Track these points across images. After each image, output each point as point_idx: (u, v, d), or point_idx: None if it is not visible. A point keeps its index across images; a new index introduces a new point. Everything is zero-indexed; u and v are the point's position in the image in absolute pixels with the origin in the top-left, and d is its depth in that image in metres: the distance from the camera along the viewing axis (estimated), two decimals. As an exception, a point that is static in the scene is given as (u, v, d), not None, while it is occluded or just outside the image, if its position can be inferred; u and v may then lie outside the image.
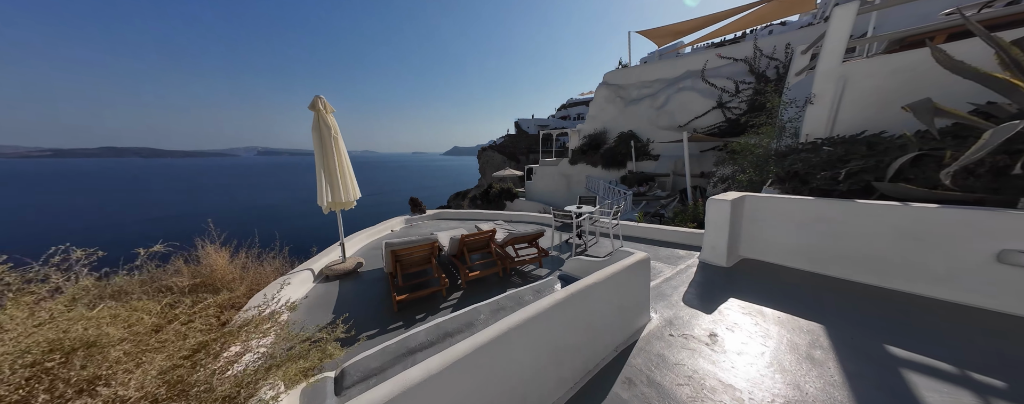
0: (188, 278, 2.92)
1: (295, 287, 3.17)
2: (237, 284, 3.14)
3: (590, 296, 1.63)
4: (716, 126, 12.56)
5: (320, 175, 3.41)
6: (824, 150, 3.71)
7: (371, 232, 5.84)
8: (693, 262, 3.31)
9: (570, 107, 51.19)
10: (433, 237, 3.13)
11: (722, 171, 7.12)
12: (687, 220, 6.04)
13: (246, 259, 3.69)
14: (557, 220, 4.82)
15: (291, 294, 3.03)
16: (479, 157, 39.90)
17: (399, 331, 2.48)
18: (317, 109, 3.38)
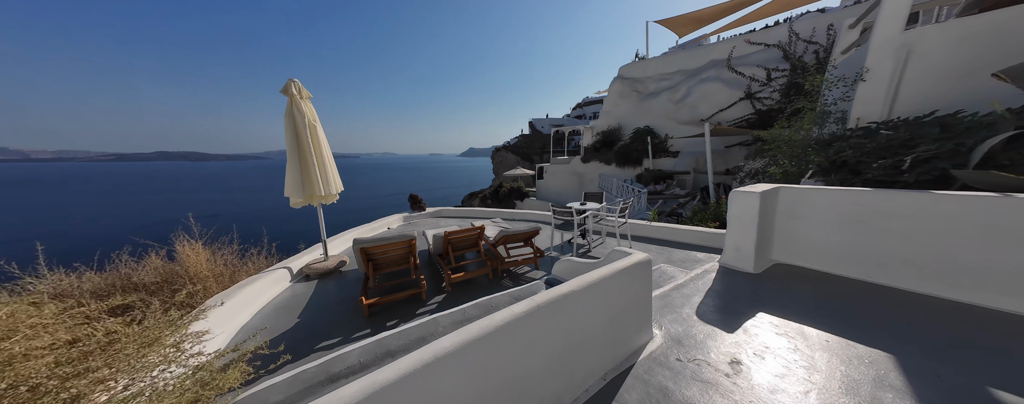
0: (153, 275, 2.81)
1: (266, 287, 2.98)
2: (211, 282, 3.02)
3: (566, 308, 1.25)
4: (744, 118, 11.52)
5: (292, 166, 3.21)
6: (882, 135, 3.05)
7: (366, 229, 5.70)
8: (712, 266, 2.80)
9: (585, 106, 50.05)
10: (410, 235, 2.84)
11: (751, 165, 6.37)
12: (707, 219, 5.39)
13: (229, 257, 3.60)
14: (556, 218, 4.40)
15: (258, 294, 2.85)
16: (493, 158, 39.88)
17: (362, 340, 2.20)
18: (290, 94, 3.18)
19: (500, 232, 3.65)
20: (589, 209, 4.47)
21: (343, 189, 3.83)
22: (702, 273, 2.66)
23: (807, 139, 4.48)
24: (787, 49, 10.89)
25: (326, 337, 2.27)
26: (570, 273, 2.52)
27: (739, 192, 2.65)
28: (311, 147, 3.26)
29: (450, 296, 2.99)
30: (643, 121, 14.38)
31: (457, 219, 7.04)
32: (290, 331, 2.36)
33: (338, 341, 2.22)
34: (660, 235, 4.81)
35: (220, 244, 3.61)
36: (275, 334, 2.34)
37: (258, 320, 2.55)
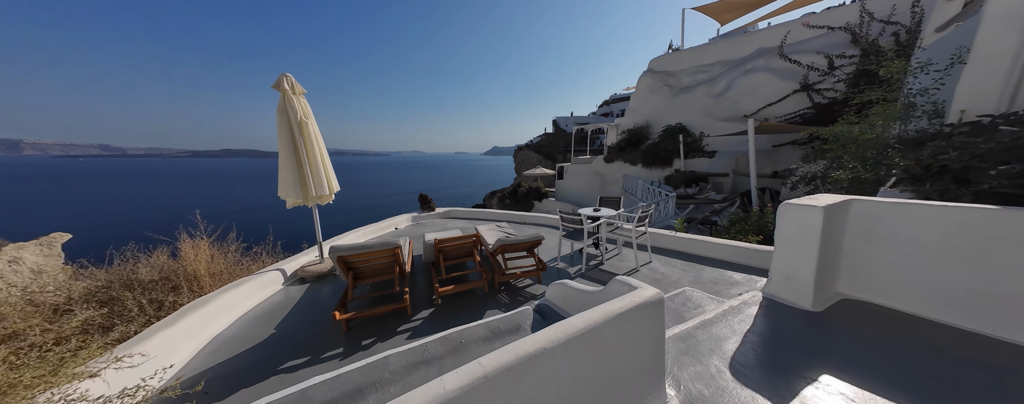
0: (151, 272, 2.86)
1: (254, 290, 2.92)
2: (206, 281, 3.04)
3: (533, 374, 0.91)
4: (798, 113, 10.10)
5: (284, 165, 3.13)
6: (1003, 131, 2.29)
7: (371, 229, 5.66)
8: (752, 296, 2.25)
9: (613, 103, 48.07)
10: (393, 243, 2.60)
11: (807, 168, 5.41)
12: (748, 231, 4.63)
13: (232, 255, 3.66)
14: (564, 226, 3.99)
15: (244, 298, 2.79)
16: (515, 156, 39.65)
17: (329, 364, 2.01)
18: (282, 89, 3.09)
19: (497, 241, 3.33)
20: (603, 217, 4.00)
21: (339, 189, 3.75)
22: (740, 306, 2.13)
23: (885, 137, 3.62)
24: (857, 31, 9.32)
25: (293, 356, 2.10)
26: (564, 301, 2.14)
27: (795, 205, 2.08)
28: (303, 145, 3.18)
29: (440, 310, 2.74)
30: (675, 118, 13.24)
31: (465, 221, 6.84)
32: (257, 348, 2.22)
33: (303, 362, 2.04)
34: (688, 248, 4.20)
35: (229, 241, 3.70)
36: (242, 349, 2.22)
37: (235, 330, 2.46)
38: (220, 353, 2.17)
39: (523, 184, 16.52)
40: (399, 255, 2.70)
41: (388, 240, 2.63)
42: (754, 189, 7.07)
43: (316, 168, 3.29)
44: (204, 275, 3.14)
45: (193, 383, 1.75)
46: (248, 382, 1.83)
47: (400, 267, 2.81)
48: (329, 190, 3.48)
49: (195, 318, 2.27)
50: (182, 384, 1.74)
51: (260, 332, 2.43)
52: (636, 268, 3.73)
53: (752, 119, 7.14)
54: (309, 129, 3.22)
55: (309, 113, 3.29)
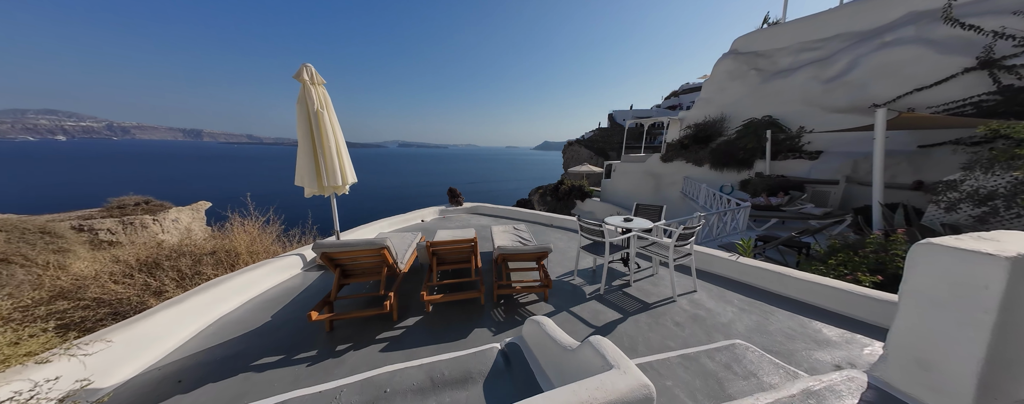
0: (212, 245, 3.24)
1: (271, 273, 3.08)
2: (243, 258, 3.36)
3: None
4: (969, 101, 7.04)
5: (301, 154, 3.23)
6: None
7: (397, 220, 5.78)
8: (850, 379, 1.39)
9: (683, 94, 42.35)
10: (380, 243, 2.40)
11: (980, 181, 3.61)
12: (858, 265, 3.24)
13: (270, 234, 4.05)
14: (584, 236, 3.35)
15: (259, 280, 2.94)
16: (564, 152, 38.17)
17: (295, 369, 1.92)
18: (301, 79, 3.15)
19: (498, 249, 2.92)
20: (634, 228, 3.25)
21: (356, 181, 3.79)
22: (825, 391, 1.32)
23: None
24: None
25: (271, 351, 2.09)
26: (537, 345, 1.63)
27: (946, 247, 1.17)
28: (318, 136, 3.24)
29: (429, 319, 2.50)
30: (762, 109, 10.68)
31: (489, 218, 6.58)
32: (244, 337, 2.25)
33: (275, 361, 1.99)
34: (754, 279, 3.17)
35: (273, 223, 4.14)
36: (233, 335, 2.28)
37: (240, 313, 2.57)
38: (213, 337, 2.25)
39: (565, 182, 15.58)
40: (387, 256, 2.49)
41: (375, 240, 2.42)
42: (877, 204, 5.12)
43: (330, 159, 3.34)
44: (243, 253, 3.52)
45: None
46: (215, 377, 1.84)
47: (389, 268, 2.62)
48: (343, 181, 3.51)
49: (205, 298, 2.41)
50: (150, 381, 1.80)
51: (259, 318, 2.49)
52: (672, 298, 2.93)
53: (884, 109, 5.12)
54: (325, 120, 3.27)
55: (326, 104, 3.34)
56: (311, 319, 2.14)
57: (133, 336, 1.94)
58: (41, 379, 1.42)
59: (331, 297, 2.42)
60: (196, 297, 2.38)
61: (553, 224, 6.13)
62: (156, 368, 1.92)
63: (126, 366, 1.88)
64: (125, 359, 1.88)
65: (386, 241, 2.45)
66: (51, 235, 5.61)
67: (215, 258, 3.22)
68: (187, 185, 60.76)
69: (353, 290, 2.98)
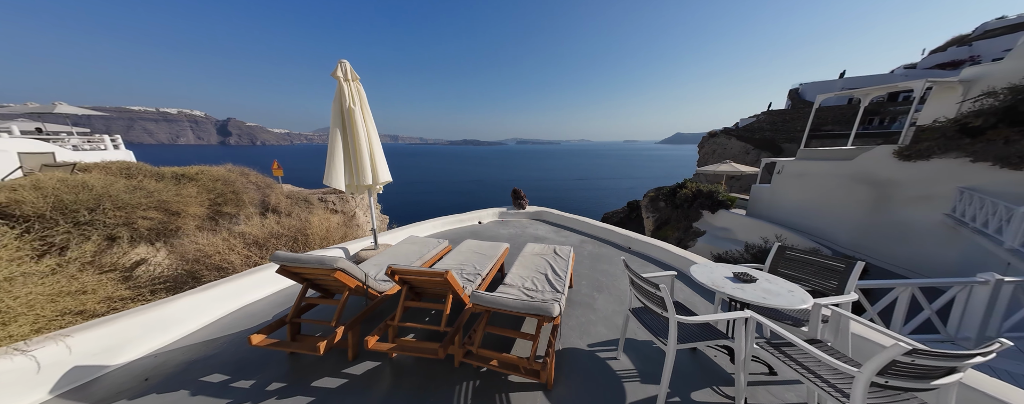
0: (284, 227, 3.91)
1: None
2: (313, 241, 3.90)
3: None
4: None
5: (331, 151, 3.23)
6: None
7: (452, 219, 5.56)
8: None
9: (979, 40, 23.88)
10: (329, 263, 1.90)
11: None
12: None
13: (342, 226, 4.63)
14: (637, 294, 1.84)
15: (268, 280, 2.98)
16: (701, 146, 29.61)
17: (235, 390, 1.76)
18: (336, 76, 3.06)
19: (472, 296, 1.94)
20: (749, 306, 1.49)
21: (390, 180, 3.67)
22: None
23: None
24: None
25: (235, 361, 2.00)
26: None
27: None
28: (350, 133, 3.22)
29: (382, 371, 1.95)
30: None
31: (553, 227, 5.41)
32: (228, 338, 2.24)
33: (223, 379, 1.88)
34: None
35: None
36: (229, 331, 2.29)
37: (263, 306, 2.69)
38: (215, 330, 2.33)
39: (688, 184, 11.62)
40: (343, 279, 1.98)
41: (326, 259, 1.91)
42: None
43: (361, 157, 3.25)
44: (314, 237, 4.14)
45: None
46: (169, 386, 1.82)
47: (355, 291, 2.14)
48: (373, 180, 3.39)
49: (232, 287, 2.56)
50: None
51: (262, 316, 2.54)
52: None
53: None
54: (356, 117, 3.18)
55: (359, 100, 3.26)
56: (251, 343, 1.87)
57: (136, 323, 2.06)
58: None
59: (288, 318, 2.07)
60: (220, 287, 2.52)
61: (632, 248, 4.34)
62: (133, 363, 1.99)
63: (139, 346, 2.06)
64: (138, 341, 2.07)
65: (337, 263, 1.91)
66: (307, 201, 9.37)
67: (289, 239, 3.92)
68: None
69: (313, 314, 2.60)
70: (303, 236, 3.97)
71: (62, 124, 16.61)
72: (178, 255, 3.52)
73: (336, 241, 4.38)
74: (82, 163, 7.98)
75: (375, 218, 3.81)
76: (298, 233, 4.00)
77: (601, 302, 2.94)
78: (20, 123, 15.35)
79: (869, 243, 7.73)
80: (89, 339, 1.89)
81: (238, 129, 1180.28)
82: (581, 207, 40.99)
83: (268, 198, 8.37)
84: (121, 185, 5.37)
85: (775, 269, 2.15)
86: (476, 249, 3.41)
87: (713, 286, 1.79)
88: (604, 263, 3.85)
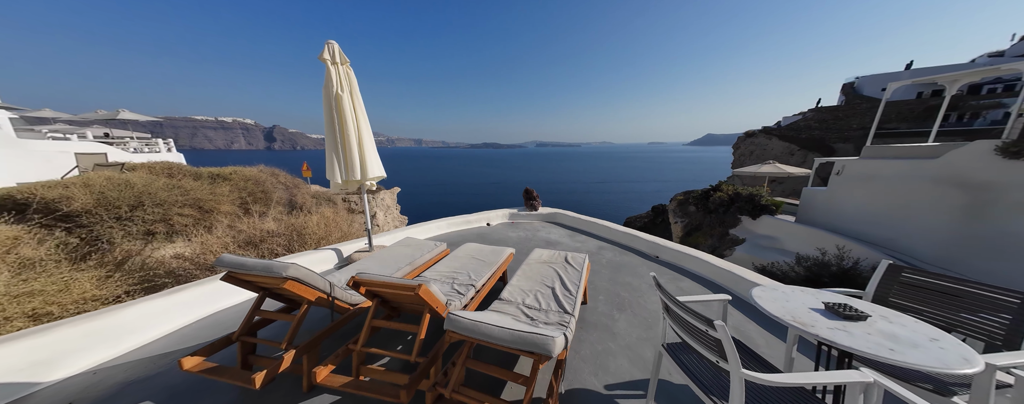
0: (282, 226, 3.74)
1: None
2: (308, 239, 3.70)
3: None
4: None
5: (327, 145, 2.89)
6: None
7: (460, 221, 5.16)
8: None
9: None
10: (277, 271, 1.56)
11: None
12: None
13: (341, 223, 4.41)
14: (676, 327, 1.28)
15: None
16: (735, 148, 27.29)
17: None
18: (323, 59, 2.75)
19: (448, 320, 1.49)
20: (874, 353, 0.88)
21: (383, 175, 3.33)
22: None
23: None
24: None
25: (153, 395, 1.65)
26: None
27: None
28: (337, 122, 2.94)
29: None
30: None
31: (568, 230, 4.85)
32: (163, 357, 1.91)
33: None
34: None
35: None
36: (161, 351, 1.96)
37: (237, 313, 2.41)
38: (171, 342, 2.04)
39: (724, 187, 10.44)
40: (298, 290, 1.62)
41: (276, 265, 1.56)
42: None
43: (349, 149, 2.91)
44: (311, 237, 3.93)
45: None
46: None
47: (315, 305, 1.76)
48: (362, 175, 3.07)
49: (202, 291, 2.28)
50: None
51: (231, 326, 2.22)
52: None
53: None
54: (344, 104, 2.87)
55: (349, 86, 2.90)
56: (181, 368, 1.52)
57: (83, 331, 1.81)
58: None
59: (234, 335, 1.68)
60: (201, 287, 2.28)
61: (661, 257, 3.69)
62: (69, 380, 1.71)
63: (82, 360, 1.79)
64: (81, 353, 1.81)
65: (288, 270, 1.55)
66: (331, 201, 9.67)
67: (286, 238, 3.73)
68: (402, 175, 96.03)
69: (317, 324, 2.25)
70: (299, 236, 3.78)
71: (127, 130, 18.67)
72: (170, 253, 3.44)
73: (335, 241, 4.14)
74: (131, 163, 8.64)
75: (367, 218, 3.50)
76: (295, 232, 3.82)
77: (623, 325, 2.37)
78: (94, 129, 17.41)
79: (961, 257, 6.34)
80: (15, 353, 1.63)
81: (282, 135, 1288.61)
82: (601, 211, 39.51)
83: (295, 197, 8.62)
84: (161, 183, 5.63)
85: (883, 298, 1.49)
86: (475, 254, 2.97)
87: (794, 322, 1.20)
88: (626, 274, 3.25)
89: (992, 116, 19.76)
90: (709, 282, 3.10)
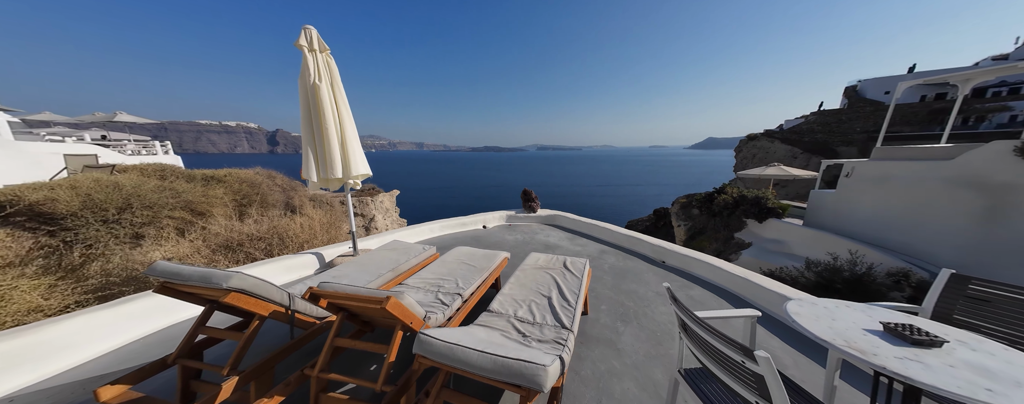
0: (267, 231, 3.51)
1: (275, 273, 2.72)
2: (289, 242, 3.46)
3: None
4: None
5: (304, 140, 2.66)
6: None
7: (455, 222, 4.92)
8: None
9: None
10: (216, 281, 1.30)
11: None
12: None
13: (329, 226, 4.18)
14: (695, 350, 1.02)
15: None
16: (738, 151, 27.06)
17: None
18: (300, 46, 2.52)
19: (417, 342, 1.23)
20: (963, 395, 0.58)
21: (369, 173, 3.10)
22: None
23: None
24: None
25: None
26: None
27: None
28: (317, 113, 2.71)
29: None
30: None
31: (569, 234, 4.60)
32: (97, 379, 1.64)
33: None
34: None
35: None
36: (98, 372, 1.67)
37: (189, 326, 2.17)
38: (111, 362, 1.76)
39: (729, 189, 10.19)
40: (245, 304, 1.37)
41: (213, 275, 1.30)
42: None
43: (327, 143, 2.67)
44: (293, 240, 3.69)
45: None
46: None
47: (272, 319, 1.49)
48: (345, 173, 2.83)
49: (154, 303, 2.04)
50: None
51: (169, 344, 1.95)
52: None
53: None
54: (322, 94, 2.64)
55: (329, 76, 2.66)
56: (98, 401, 1.23)
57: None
58: None
59: (170, 358, 1.39)
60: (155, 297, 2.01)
61: (667, 262, 3.43)
62: None
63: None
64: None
65: (230, 280, 1.29)
66: (329, 204, 9.45)
67: (266, 242, 3.50)
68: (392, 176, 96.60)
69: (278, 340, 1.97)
70: (279, 239, 3.55)
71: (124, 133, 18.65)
72: (134, 259, 3.20)
73: (322, 244, 3.91)
74: (122, 165, 8.46)
75: (351, 220, 3.26)
76: (276, 235, 3.59)
77: (629, 339, 2.11)
78: (92, 132, 17.36)
79: (983, 264, 6.03)
80: None
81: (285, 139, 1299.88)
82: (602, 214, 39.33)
83: (292, 200, 8.42)
84: (151, 185, 5.44)
85: (946, 315, 1.23)
86: (466, 259, 2.72)
87: (851, 350, 0.95)
88: (630, 281, 2.99)
89: (998, 119, 19.50)
90: (722, 290, 2.84)
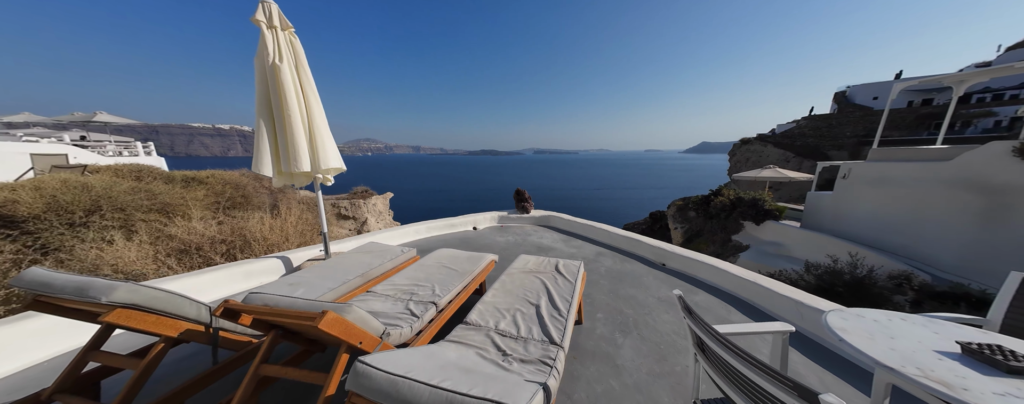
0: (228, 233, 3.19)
1: (236, 278, 2.41)
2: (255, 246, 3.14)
3: None
4: None
5: (258, 128, 2.35)
6: None
7: (443, 224, 4.63)
8: None
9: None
10: (102, 296, 0.99)
11: None
12: None
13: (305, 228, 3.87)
14: (714, 374, 0.75)
15: (212, 286, 2.31)
16: (731, 155, 27.28)
17: None
18: (257, 21, 2.23)
19: (352, 376, 0.94)
20: None
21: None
22: None
23: None
24: None
25: None
26: None
27: None
28: (276, 100, 2.41)
29: None
30: None
31: (564, 235, 4.35)
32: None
33: None
34: None
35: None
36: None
37: (116, 344, 1.77)
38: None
39: (725, 191, 10.08)
40: (137, 323, 1.08)
41: (95, 285, 1.02)
42: None
43: (291, 133, 2.36)
44: (258, 242, 3.36)
45: None
46: None
47: (167, 343, 1.15)
48: (313, 167, 2.51)
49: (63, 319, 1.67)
50: None
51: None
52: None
53: None
54: (284, 77, 2.30)
55: (292, 56, 2.38)
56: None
57: None
58: None
59: (44, 394, 1.08)
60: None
61: (668, 264, 3.18)
62: None
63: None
64: None
65: (115, 292, 1.01)
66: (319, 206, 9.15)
67: (228, 245, 3.18)
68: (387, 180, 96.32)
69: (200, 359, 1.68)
70: (243, 240, 3.22)
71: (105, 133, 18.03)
72: (78, 261, 2.85)
73: (293, 246, 3.59)
74: (95, 166, 8.02)
75: (323, 220, 2.94)
76: (239, 238, 3.26)
77: (628, 352, 1.85)
78: (72, 132, 16.73)
79: (983, 265, 5.94)
80: None
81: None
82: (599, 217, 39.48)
83: (279, 202, 8.04)
84: (124, 187, 5.09)
85: (1019, 327, 1.00)
86: (447, 262, 2.45)
87: (929, 382, 0.70)
88: (629, 286, 2.74)
89: (983, 124, 19.95)
90: (729, 295, 2.60)
